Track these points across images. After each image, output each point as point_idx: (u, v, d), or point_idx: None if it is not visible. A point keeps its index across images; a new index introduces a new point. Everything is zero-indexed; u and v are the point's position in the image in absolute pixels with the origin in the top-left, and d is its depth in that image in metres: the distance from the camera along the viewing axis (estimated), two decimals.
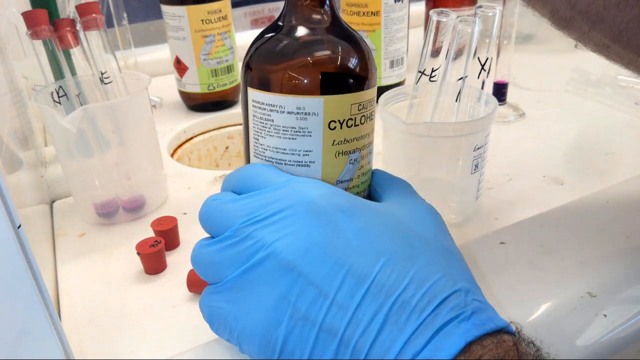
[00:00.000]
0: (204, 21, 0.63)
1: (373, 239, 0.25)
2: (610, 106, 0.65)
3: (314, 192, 0.26)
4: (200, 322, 0.35)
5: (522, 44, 0.87)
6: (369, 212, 0.27)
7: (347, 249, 0.25)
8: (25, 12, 0.41)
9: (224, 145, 0.70)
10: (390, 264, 0.24)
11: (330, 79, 0.30)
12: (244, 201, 0.27)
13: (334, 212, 0.26)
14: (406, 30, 0.67)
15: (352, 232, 0.25)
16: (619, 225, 0.41)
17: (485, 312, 0.24)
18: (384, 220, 0.26)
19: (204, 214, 0.29)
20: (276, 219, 0.26)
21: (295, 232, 0.25)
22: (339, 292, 0.24)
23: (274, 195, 0.27)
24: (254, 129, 0.31)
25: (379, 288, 0.24)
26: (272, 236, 0.25)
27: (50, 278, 0.40)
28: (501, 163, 0.53)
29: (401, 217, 0.28)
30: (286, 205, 0.26)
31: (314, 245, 0.25)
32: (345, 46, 0.31)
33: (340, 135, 0.30)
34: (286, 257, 0.25)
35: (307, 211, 0.26)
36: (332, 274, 0.24)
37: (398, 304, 0.23)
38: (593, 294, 0.34)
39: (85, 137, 0.43)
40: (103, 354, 0.34)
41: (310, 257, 0.24)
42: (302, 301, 0.24)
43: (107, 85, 0.45)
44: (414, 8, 0.77)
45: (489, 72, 0.40)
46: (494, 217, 0.45)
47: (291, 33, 0.31)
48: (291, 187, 0.27)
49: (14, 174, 0.40)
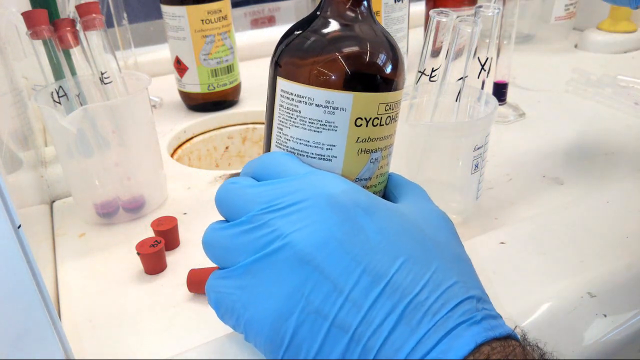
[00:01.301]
0: (204, 21, 0.63)
1: (391, 239, 0.25)
2: (610, 106, 0.65)
3: (336, 187, 0.26)
4: (200, 322, 0.35)
5: (522, 44, 0.87)
6: (389, 212, 0.27)
7: (365, 246, 0.25)
8: (25, 12, 0.41)
9: (224, 145, 0.70)
10: (407, 265, 0.24)
11: (362, 76, 0.30)
12: (263, 187, 0.27)
13: (354, 209, 0.26)
14: (406, 30, 0.67)
15: (371, 230, 0.25)
16: (619, 225, 0.41)
17: (495, 319, 0.24)
18: (402, 221, 0.26)
19: (221, 197, 0.28)
20: (295, 209, 0.25)
21: (314, 224, 0.25)
22: (354, 289, 0.24)
23: (295, 185, 0.26)
24: (279, 119, 0.31)
25: (394, 288, 0.24)
26: (290, 227, 0.25)
27: (50, 278, 0.40)
28: (501, 163, 0.53)
29: (417, 220, 0.28)
30: (306, 197, 0.26)
31: (333, 239, 0.25)
32: (380, 46, 0.31)
33: (365, 133, 0.30)
34: (303, 249, 0.24)
35: (327, 205, 0.25)
36: (348, 271, 0.24)
37: (412, 305, 0.23)
38: (593, 294, 0.34)
39: (85, 137, 0.43)
40: (103, 354, 0.34)
41: (327, 251, 0.24)
42: (315, 295, 0.24)
43: (107, 85, 0.45)
44: (414, 8, 0.77)
45: (489, 72, 0.40)
46: (494, 217, 0.45)
47: (327, 26, 0.31)
48: (312, 179, 0.27)
49: (14, 174, 0.40)
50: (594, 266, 0.37)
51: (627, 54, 0.82)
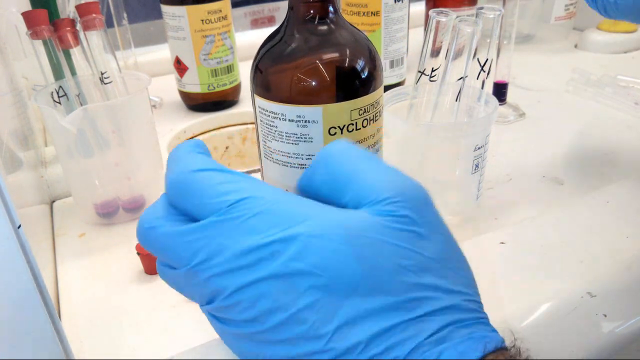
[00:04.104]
0: (204, 21, 0.63)
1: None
2: (610, 106, 0.65)
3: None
4: (200, 322, 0.35)
5: (522, 44, 0.87)
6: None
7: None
8: (25, 12, 0.41)
9: (224, 145, 0.70)
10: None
11: (326, 89, 0.30)
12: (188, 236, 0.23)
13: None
14: (406, 30, 0.67)
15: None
16: (619, 225, 0.41)
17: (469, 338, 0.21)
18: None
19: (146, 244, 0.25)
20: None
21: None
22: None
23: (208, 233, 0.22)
24: (262, 133, 0.33)
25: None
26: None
27: (50, 278, 0.40)
28: (501, 163, 0.53)
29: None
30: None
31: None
32: (344, 55, 0.31)
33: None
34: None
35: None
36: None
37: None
38: (593, 294, 0.34)
39: (85, 137, 0.43)
40: (103, 354, 0.34)
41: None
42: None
43: (107, 85, 0.45)
44: (414, 8, 0.77)
45: (488, 72, 0.40)
46: (494, 217, 0.45)
47: (290, 42, 0.31)
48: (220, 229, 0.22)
49: (14, 174, 0.40)
50: (594, 266, 0.37)
51: (627, 54, 0.82)
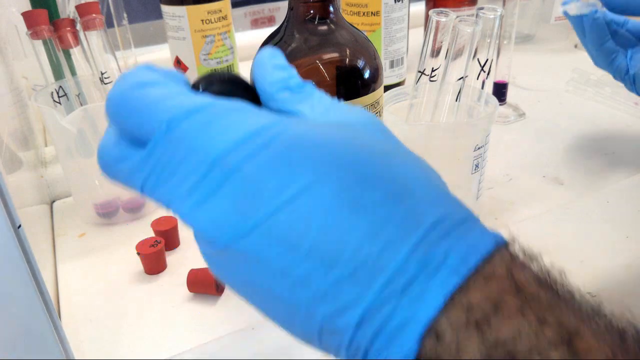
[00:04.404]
0: (204, 21, 0.63)
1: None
2: (610, 106, 0.65)
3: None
4: (200, 322, 0.35)
5: (522, 44, 0.87)
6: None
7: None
8: (25, 12, 0.41)
9: None
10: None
11: (327, 89, 0.30)
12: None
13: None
14: (406, 30, 0.67)
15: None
16: (619, 225, 0.41)
17: (466, 234, 0.18)
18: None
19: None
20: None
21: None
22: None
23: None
24: None
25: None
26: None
27: (50, 278, 0.40)
28: (501, 163, 0.53)
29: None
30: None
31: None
32: (344, 55, 0.31)
33: None
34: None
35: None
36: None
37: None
38: (593, 294, 0.34)
39: (85, 137, 0.43)
40: (103, 354, 0.34)
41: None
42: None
43: (107, 85, 0.45)
44: (414, 8, 0.77)
45: (488, 73, 0.40)
46: (494, 217, 0.45)
47: (291, 41, 0.31)
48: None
49: (14, 174, 0.40)
50: (594, 266, 0.37)
51: None
